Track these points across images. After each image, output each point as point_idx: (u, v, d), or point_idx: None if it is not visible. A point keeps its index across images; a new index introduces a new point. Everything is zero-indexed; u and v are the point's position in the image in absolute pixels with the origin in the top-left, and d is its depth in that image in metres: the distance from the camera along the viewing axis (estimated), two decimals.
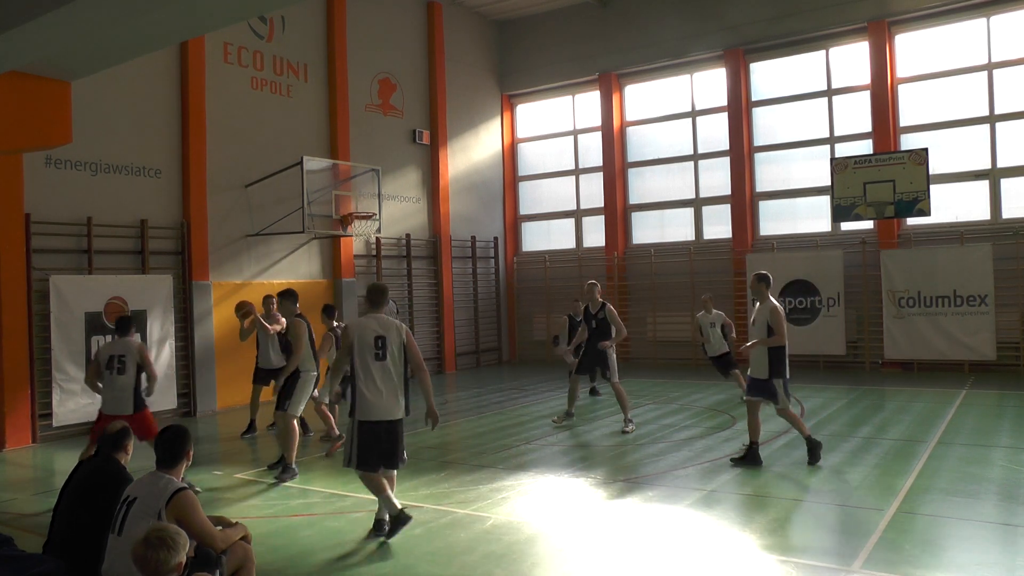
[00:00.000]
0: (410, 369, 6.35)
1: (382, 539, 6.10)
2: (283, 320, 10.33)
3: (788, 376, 8.07)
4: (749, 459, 8.10)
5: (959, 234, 15.38)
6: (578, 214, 20.48)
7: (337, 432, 9.51)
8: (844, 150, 16.66)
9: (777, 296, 16.60)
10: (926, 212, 14.86)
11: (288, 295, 8.85)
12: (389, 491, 6.13)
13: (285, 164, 14.38)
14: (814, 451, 8.07)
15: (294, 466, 8.36)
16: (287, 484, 8.06)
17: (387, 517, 6.19)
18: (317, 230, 14.71)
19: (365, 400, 6.02)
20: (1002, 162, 15.29)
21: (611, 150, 19.41)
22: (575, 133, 20.54)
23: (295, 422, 8.50)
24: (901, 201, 14.97)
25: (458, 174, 19.34)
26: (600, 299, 10.54)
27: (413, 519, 6.14)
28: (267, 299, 10.99)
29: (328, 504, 7.28)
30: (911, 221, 15.93)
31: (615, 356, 10.42)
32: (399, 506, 6.12)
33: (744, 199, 17.66)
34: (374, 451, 6.01)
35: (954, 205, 15.72)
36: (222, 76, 13.98)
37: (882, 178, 15.11)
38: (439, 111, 18.55)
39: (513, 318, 20.86)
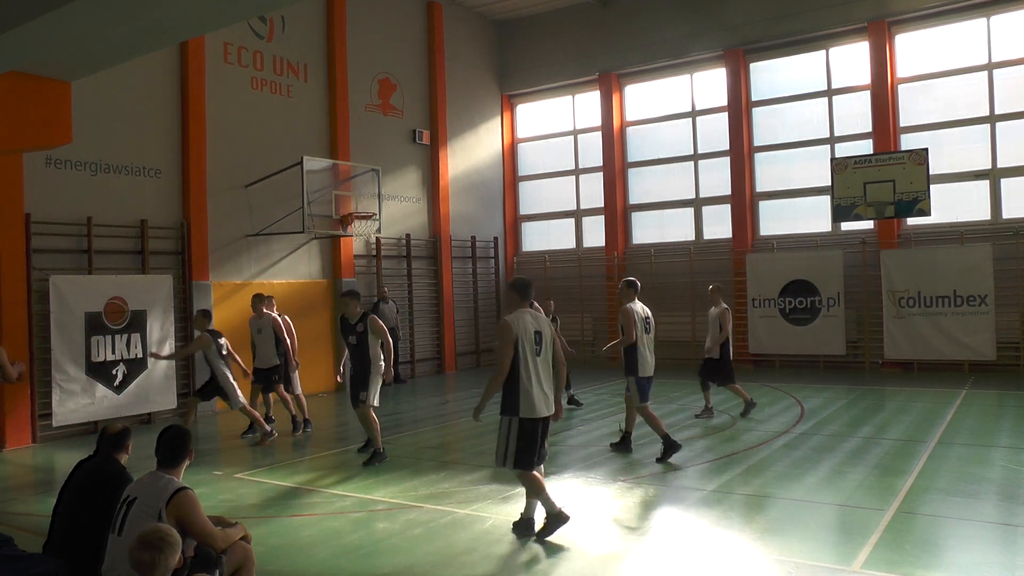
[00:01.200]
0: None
1: (532, 538, 5.98)
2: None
3: (641, 374, 8.93)
4: (621, 445, 9.12)
5: (959, 234, 15.38)
6: (578, 214, 20.48)
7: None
8: (844, 150, 16.66)
9: (777, 296, 16.62)
10: (926, 212, 14.86)
11: (352, 295, 9.11)
12: (547, 490, 6.04)
13: (285, 164, 14.38)
14: (668, 451, 8.53)
15: (382, 450, 8.93)
16: (288, 484, 8.07)
17: (530, 515, 6.12)
18: (317, 230, 14.71)
19: (529, 397, 5.90)
20: (1002, 162, 15.29)
21: (611, 150, 19.41)
22: (575, 133, 20.54)
23: (372, 411, 8.93)
24: (901, 201, 14.97)
25: (458, 174, 19.34)
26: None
27: (570, 519, 6.04)
28: (257, 298, 11.25)
29: (328, 504, 7.28)
30: (911, 221, 15.93)
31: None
32: (558, 505, 6.03)
33: (744, 199, 17.66)
34: (531, 449, 5.93)
35: (954, 205, 15.71)
36: (222, 76, 13.98)
37: (882, 178, 15.11)
38: (439, 111, 18.55)
39: None
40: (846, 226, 16.58)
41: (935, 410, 11.12)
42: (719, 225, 18.37)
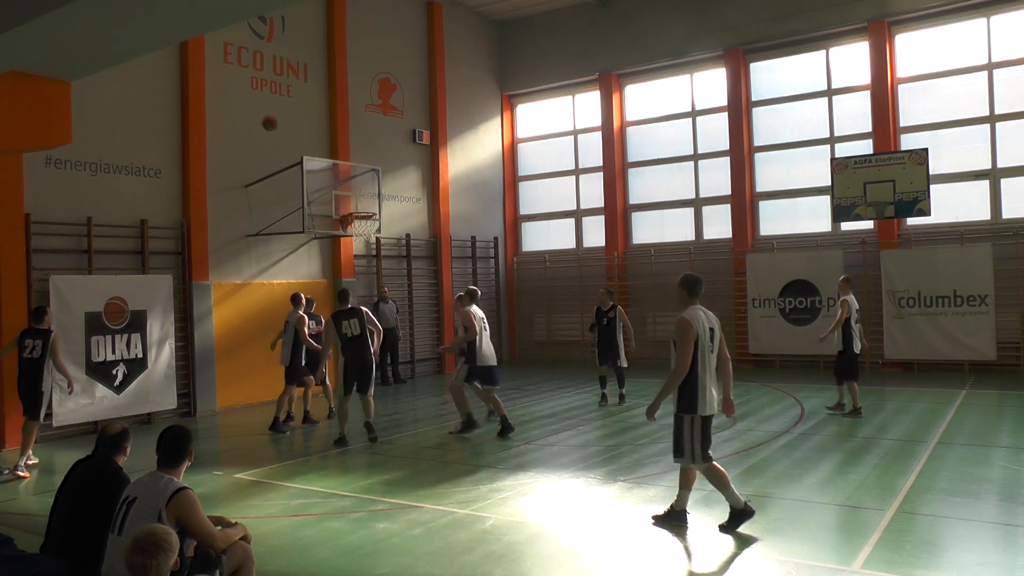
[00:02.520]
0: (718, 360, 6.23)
1: (685, 529, 6.06)
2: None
3: (479, 364, 10.27)
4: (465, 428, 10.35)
5: (959, 234, 15.37)
6: (578, 214, 20.47)
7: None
8: (844, 150, 16.66)
9: (778, 296, 16.61)
10: (926, 212, 14.86)
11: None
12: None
13: (285, 164, 14.38)
14: (465, 427, 10.30)
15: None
16: (288, 484, 8.07)
17: (683, 507, 6.14)
18: (317, 230, 14.71)
19: (707, 395, 5.97)
20: (1002, 162, 15.29)
21: (611, 150, 19.41)
22: (575, 133, 20.54)
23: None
24: (901, 201, 14.97)
25: (458, 174, 19.34)
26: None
27: (754, 513, 6.08)
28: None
29: (328, 504, 7.28)
30: (911, 221, 15.93)
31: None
32: (743, 500, 6.09)
33: (744, 199, 17.66)
34: (709, 445, 6.02)
35: (954, 205, 15.71)
36: (222, 76, 13.98)
37: (882, 178, 15.11)
38: (439, 111, 18.55)
39: (513, 318, 20.86)
40: (846, 226, 16.58)
41: (935, 410, 11.11)
42: (719, 225, 18.37)
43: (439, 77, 18.57)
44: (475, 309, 10.68)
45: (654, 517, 6.31)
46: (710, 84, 18.46)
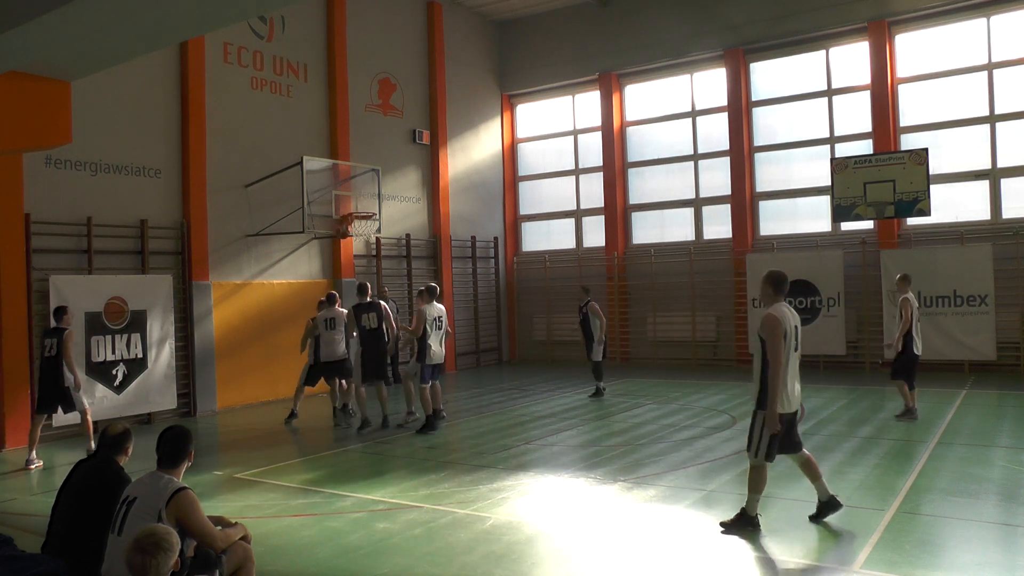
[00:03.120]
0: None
1: (758, 533, 5.98)
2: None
3: (427, 362, 10.49)
4: (426, 427, 10.60)
5: (959, 234, 15.37)
6: (578, 214, 20.48)
7: None
8: (844, 150, 16.66)
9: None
10: (926, 212, 14.86)
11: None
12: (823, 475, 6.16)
13: (285, 164, 14.38)
14: (426, 427, 10.56)
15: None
16: (288, 484, 8.07)
17: (755, 512, 6.07)
18: (317, 230, 14.71)
19: (787, 392, 5.95)
20: (1002, 162, 15.29)
21: (611, 150, 19.41)
22: (575, 133, 20.54)
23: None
24: (901, 201, 14.97)
25: (458, 174, 19.34)
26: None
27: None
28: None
29: (328, 504, 7.28)
30: (911, 221, 15.93)
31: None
32: (830, 491, 6.15)
33: (744, 199, 17.66)
34: (776, 443, 5.97)
35: (954, 205, 15.72)
36: (222, 76, 13.98)
37: (882, 178, 15.11)
38: (439, 111, 18.55)
39: (513, 318, 20.86)
40: (846, 226, 16.58)
41: (935, 410, 11.11)
42: (719, 225, 18.37)
43: (439, 77, 18.57)
44: (431, 307, 10.71)
45: (723, 524, 6.09)
46: (710, 84, 18.46)
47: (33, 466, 9.46)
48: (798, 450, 6.19)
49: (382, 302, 11.47)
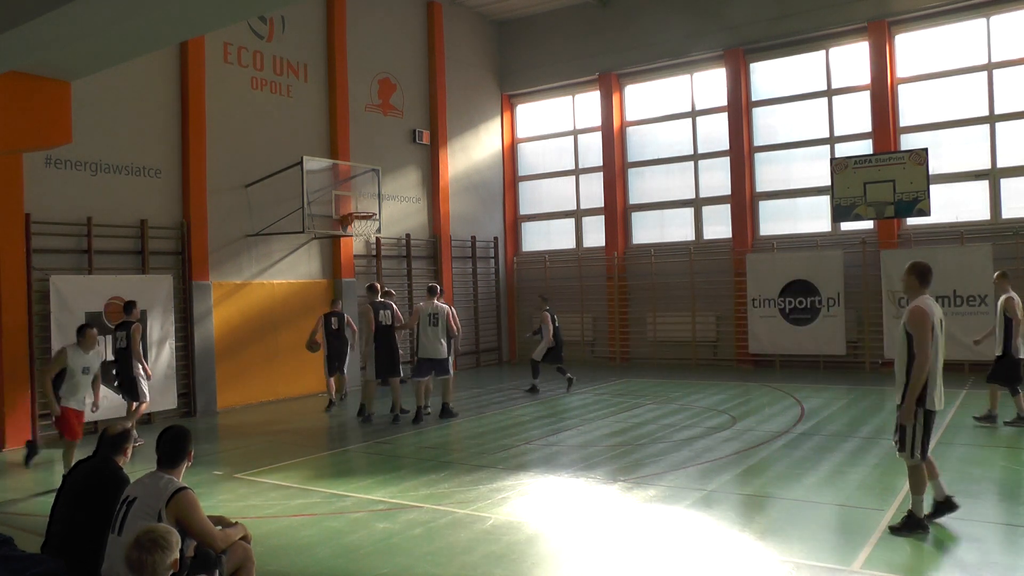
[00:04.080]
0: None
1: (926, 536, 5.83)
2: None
3: (419, 355, 11.38)
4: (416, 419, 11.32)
5: (959, 234, 15.37)
6: (578, 214, 20.48)
7: None
8: (844, 150, 16.66)
9: (777, 297, 16.60)
10: (926, 212, 14.86)
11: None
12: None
13: (285, 164, 14.38)
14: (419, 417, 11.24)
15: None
16: (288, 484, 8.07)
17: (922, 512, 5.90)
18: (317, 230, 14.71)
19: (936, 389, 5.87)
20: (1002, 162, 15.29)
21: (611, 150, 19.41)
22: (575, 133, 20.54)
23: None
24: (901, 201, 14.97)
25: (458, 174, 19.34)
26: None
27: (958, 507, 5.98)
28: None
29: (328, 504, 7.28)
30: (911, 221, 15.93)
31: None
32: (946, 491, 6.02)
33: (744, 199, 17.66)
34: (929, 441, 5.90)
35: (954, 205, 15.72)
36: (222, 76, 13.98)
37: (882, 178, 15.10)
38: (439, 111, 18.55)
39: (513, 318, 20.86)
40: (846, 226, 16.58)
41: None
42: (719, 225, 18.37)
43: (439, 77, 18.57)
44: (427, 304, 11.56)
45: (891, 528, 5.87)
46: (710, 84, 18.45)
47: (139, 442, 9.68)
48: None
49: (392, 303, 12.14)
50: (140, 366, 10.34)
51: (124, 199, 12.47)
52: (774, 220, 17.75)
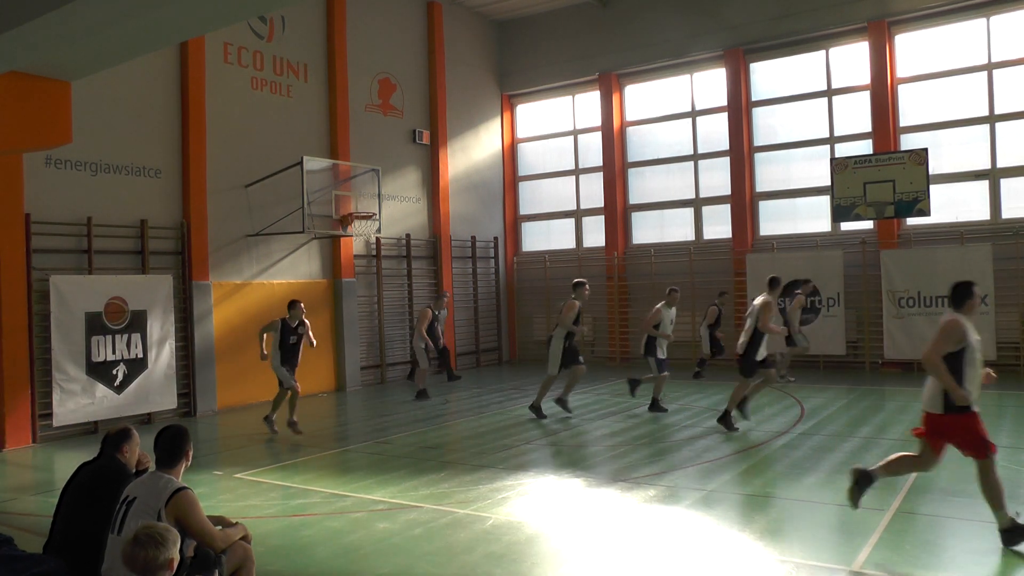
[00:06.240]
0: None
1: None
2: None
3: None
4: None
5: (959, 234, 15.37)
6: (578, 214, 20.47)
7: None
8: (844, 150, 16.66)
9: (778, 297, 16.57)
10: (926, 212, 14.86)
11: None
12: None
13: (285, 164, 14.38)
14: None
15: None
16: (288, 484, 8.07)
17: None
18: (317, 230, 14.71)
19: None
20: (1002, 162, 15.29)
21: (611, 150, 19.41)
22: (575, 133, 20.54)
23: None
24: (901, 201, 14.97)
25: (458, 174, 19.34)
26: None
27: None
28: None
29: (328, 504, 7.28)
30: (911, 221, 15.93)
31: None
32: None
33: (744, 199, 17.66)
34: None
35: (954, 205, 15.72)
36: (222, 76, 13.98)
37: (882, 178, 15.11)
38: (439, 111, 18.55)
39: (513, 318, 20.86)
40: (846, 226, 16.58)
41: None
42: (719, 225, 18.37)
43: (439, 77, 18.57)
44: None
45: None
46: (710, 84, 18.45)
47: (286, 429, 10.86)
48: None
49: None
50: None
51: (124, 199, 12.47)
52: (774, 220, 17.75)
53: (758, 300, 10.09)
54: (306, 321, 11.17)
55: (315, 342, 11.33)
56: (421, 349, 13.85)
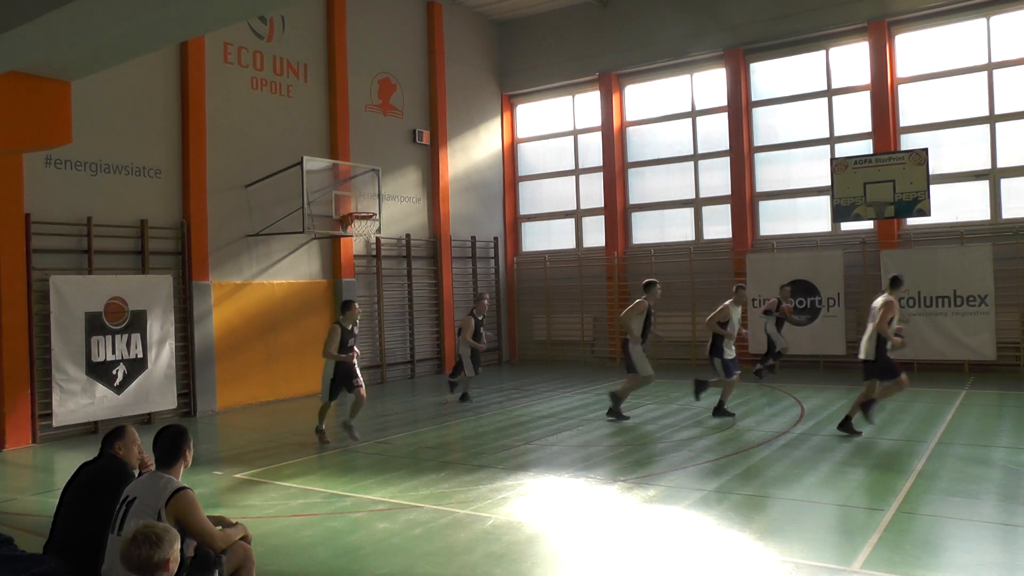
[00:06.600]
0: None
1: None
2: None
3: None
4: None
5: (959, 234, 15.38)
6: (578, 214, 20.47)
7: None
8: (844, 150, 16.66)
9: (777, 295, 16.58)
10: (926, 212, 14.86)
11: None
12: None
13: (285, 164, 14.38)
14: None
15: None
16: (288, 484, 8.07)
17: None
18: (317, 230, 14.71)
19: None
20: (1002, 162, 15.29)
21: (611, 150, 19.41)
22: (575, 133, 20.54)
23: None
24: (901, 201, 14.97)
25: (458, 174, 19.34)
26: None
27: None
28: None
29: (328, 504, 7.28)
30: (911, 221, 15.93)
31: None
32: None
33: (744, 199, 17.66)
34: None
35: (954, 205, 15.72)
36: (222, 76, 13.98)
37: (882, 178, 15.11)
38: (439, 111, 18.55)
39: (513, 318, 20.86)
40: (846, 226, 16.58)
41: (935, 410, 11.12)
42: (719, 225, 18.37)
43: (439, 77, 18.57)
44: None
45: None
46: (710, 84, 18.45)
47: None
48: None
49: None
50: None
51: (124, 199, 12.47)
52: (774, 220, 17.75)
53: (878, 301, 9.59)
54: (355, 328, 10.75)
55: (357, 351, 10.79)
56: (468, 357, 13.43)
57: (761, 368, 14.88)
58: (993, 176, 15.39)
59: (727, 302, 11.39)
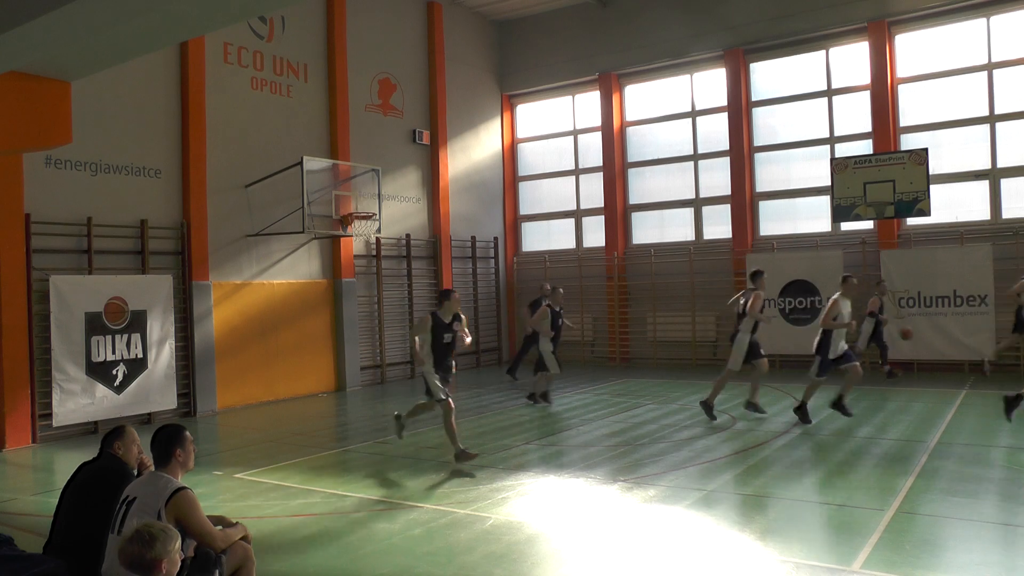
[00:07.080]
0: None
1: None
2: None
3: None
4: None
5: (959, 234, 15.38)
6: (578, 214, 20.47)
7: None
8: (844, 150, 16.66)
9: (777, 297, 16.59)
10: (926, 212, 14.85)
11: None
12: None
13: (285, 164, 14.38)
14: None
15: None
16: (288, 484, 8.07)
17: None
18: (317, 230, 14.71)
19: None
20: (1002, 162, 15.29)
21: (611, 150, 19.41)
22: (575, 133, 20.54)
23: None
24: (901, 201, 14.97)
25: (458, 174, 19.34)
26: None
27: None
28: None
29: (328, 504, 7.28)
30: (911, 221, 15.93)
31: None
32: None
33: (744, 199, 17.66)
34: None
35: (954, 205, 15.72)
36: (222, 76, 13.98)
37: (882, 178, 15.11)
38: (439, 111, 18.55)
39: (513, 318, 20.85)
40: (846, 226, 16.58)
41: (935, 410, 11.12)
42: (719, 225, 18.37)
43: (439, 77, 18.57)
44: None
45: None
46: (710, 84, 18.45)
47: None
48: None
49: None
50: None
51: (124, 199, 12.47)
52: (774, 220, 17.75)
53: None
54: (462, 316, 9.58)
55: (469, 339, 9.57)
56: (550, 353, 12.58)
57: (891, 368, 14.27)
58: (993, 176, 15.39)
59: (835, 295, 10.66)
